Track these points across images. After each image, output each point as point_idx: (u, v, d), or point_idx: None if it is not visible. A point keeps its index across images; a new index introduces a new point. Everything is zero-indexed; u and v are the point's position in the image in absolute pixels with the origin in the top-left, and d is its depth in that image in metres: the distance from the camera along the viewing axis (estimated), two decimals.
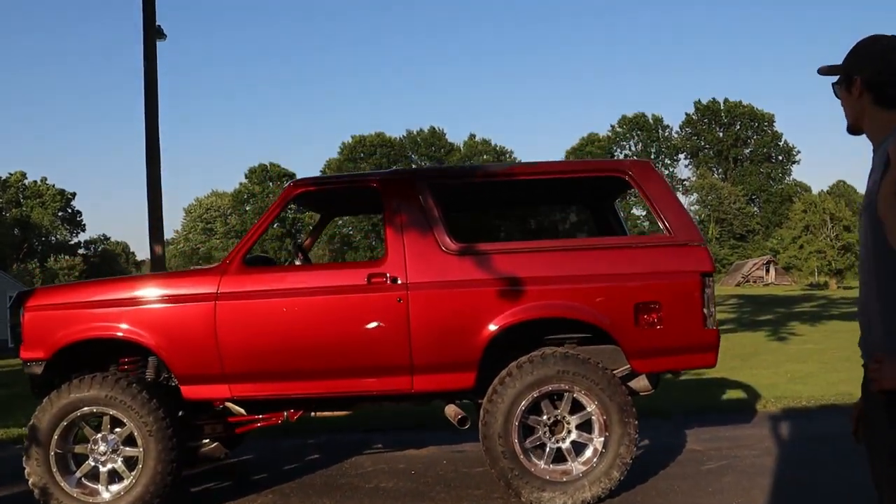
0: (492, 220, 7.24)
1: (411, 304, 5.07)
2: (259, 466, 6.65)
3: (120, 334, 5.18)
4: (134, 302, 5.22)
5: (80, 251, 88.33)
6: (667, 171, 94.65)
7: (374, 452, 6.96)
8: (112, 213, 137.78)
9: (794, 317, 26.95)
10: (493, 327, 5.04)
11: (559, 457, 5.14)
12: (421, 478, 5.96)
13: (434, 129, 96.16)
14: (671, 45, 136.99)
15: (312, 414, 5.65)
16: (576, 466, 5.05)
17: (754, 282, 65.94)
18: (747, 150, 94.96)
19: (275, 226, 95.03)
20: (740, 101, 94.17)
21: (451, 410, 5.41)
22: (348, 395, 5.31)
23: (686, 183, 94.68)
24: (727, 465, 5.95)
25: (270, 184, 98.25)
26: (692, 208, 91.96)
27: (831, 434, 6.95)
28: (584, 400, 5.03)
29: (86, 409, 5.06)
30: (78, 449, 5.19)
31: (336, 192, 6.06)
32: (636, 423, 5.03)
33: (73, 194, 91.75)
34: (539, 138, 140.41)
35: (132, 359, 5.47)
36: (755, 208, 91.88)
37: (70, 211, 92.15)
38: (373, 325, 5.07)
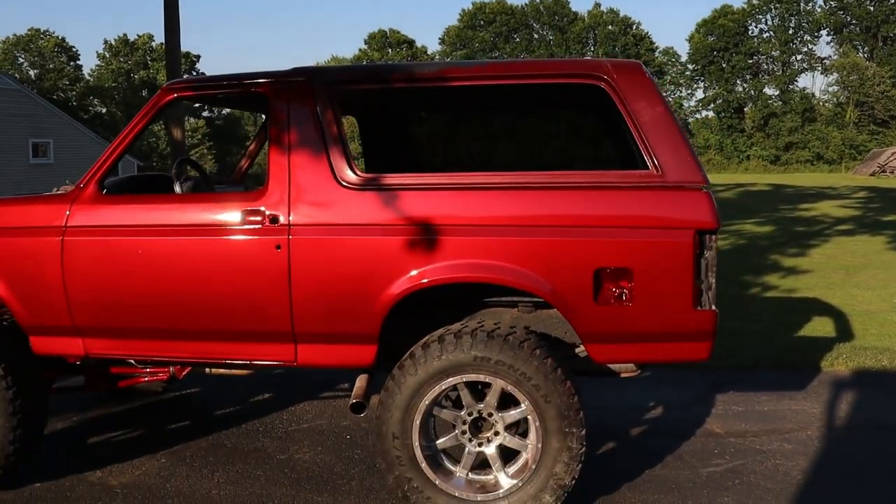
0: (425, 140, 5.71)
1: (293, 253, 3.79)
2: (179, 405, 5.76)
3: None
4: None
5: (204, 114, 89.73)
6: (805, 48, 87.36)
7: (319, 398, 5.86)
8: None
9: None
10: (393, 292, 3.70)
11: (484, 463, 3.87)
12: (346, 451, 4.83)
13: None
14: None
15: (207, 371, 4.55)
16: (502, 478, 3.78)
17: (891, 172, 60.51)
18: None
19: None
20: None
21: (359, 385, 4.14)
22: (221, 361, 4.16)
23: (826, 62, 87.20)
24: (736, 471, 4.53)
25: (390, 50, 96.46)
26: (830, 89, 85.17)
27: None
28: (515, 393, 3.70)
29: None
30: None
31: (219, 97, 4.74)
32: (582, 433, 3.64)
33: (198, 57, 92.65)
34: (669, 8, 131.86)
35: None
36: None
37: (195, 74, 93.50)
38: (245, 276, 3.86)
